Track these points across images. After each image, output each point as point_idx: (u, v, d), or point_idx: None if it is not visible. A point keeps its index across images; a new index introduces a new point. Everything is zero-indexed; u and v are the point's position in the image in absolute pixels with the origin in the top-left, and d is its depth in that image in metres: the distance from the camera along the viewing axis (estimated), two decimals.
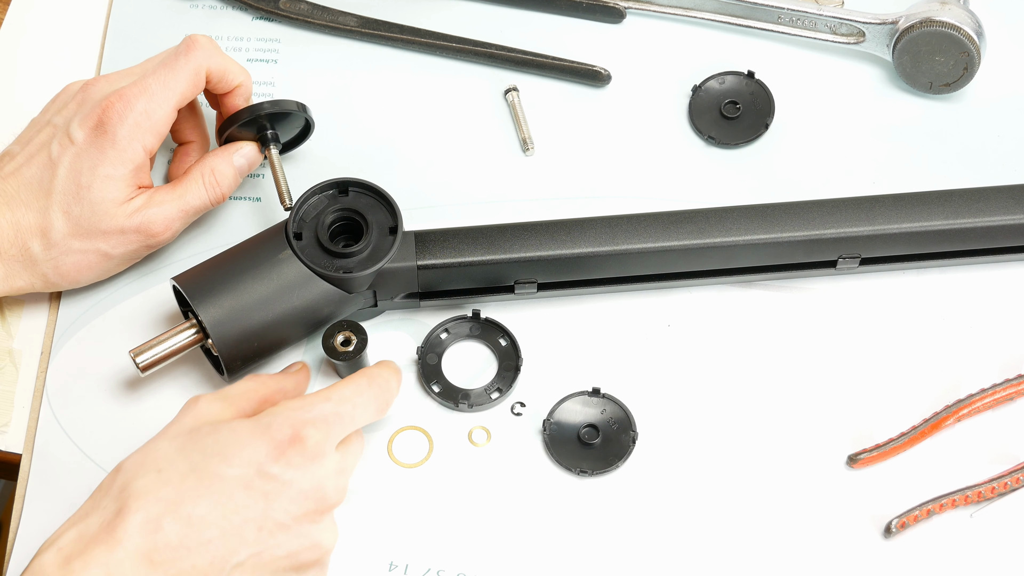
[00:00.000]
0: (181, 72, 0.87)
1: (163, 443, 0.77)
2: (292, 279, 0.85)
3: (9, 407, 0.89)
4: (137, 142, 0.86)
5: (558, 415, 0.88)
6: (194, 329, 0.86)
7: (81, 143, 0.86)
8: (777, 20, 1.01)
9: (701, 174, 0.97)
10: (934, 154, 0.98)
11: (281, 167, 0.92)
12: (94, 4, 1.04)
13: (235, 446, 0.75)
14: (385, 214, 0.88)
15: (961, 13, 0.96)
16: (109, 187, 0.86)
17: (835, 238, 0.89)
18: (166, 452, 0.76)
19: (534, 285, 0.90)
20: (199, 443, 0.76)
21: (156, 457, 0.75)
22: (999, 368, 0.89)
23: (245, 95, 0.92)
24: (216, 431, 0.76)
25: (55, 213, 0.86)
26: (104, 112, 0.86)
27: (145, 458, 0.76)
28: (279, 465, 0.76)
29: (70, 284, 0.89)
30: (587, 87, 1.01)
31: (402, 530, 0.85)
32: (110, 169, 0.86)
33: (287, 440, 0.76)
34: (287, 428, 0.76)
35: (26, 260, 0.87)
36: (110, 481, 0.76)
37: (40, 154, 0.87)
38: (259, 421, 0.77)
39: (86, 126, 0.86)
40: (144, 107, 0.86)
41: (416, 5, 1.04)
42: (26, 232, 0.86)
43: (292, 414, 0.77)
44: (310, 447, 0.76)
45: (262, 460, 0.75)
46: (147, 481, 0.74)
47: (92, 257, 0.88)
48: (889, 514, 0.84)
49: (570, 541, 0.85)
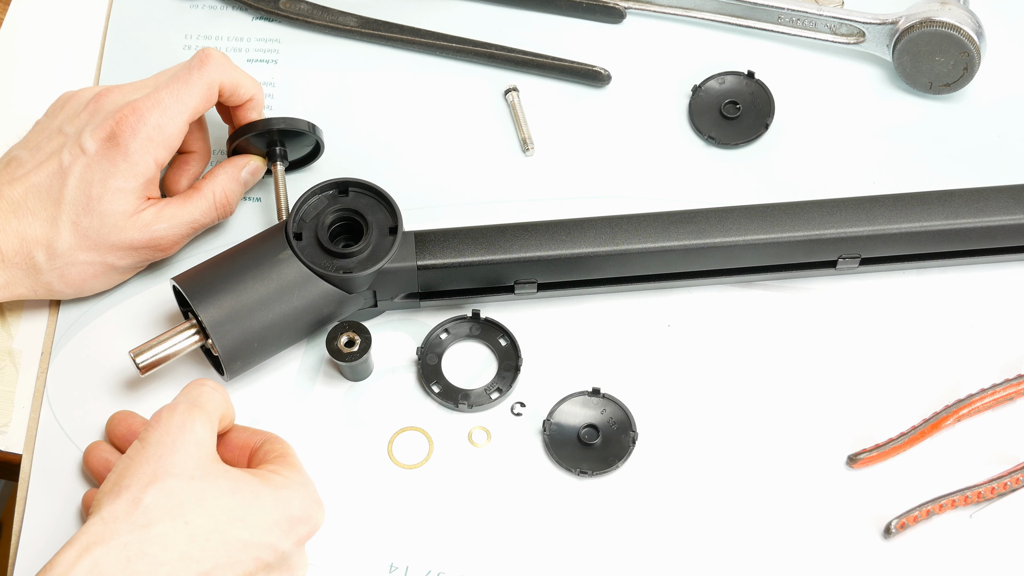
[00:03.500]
0: (194, 87, 0.87)
1: (180, 483, 0.73)
2: (292, 279, 0.85)
3: (9, 407, 0.89)
4: (149, 155, 0.86)
5: (558, 415, 0.88)
6: (194, 329, 0.86)
7: (93, 154, 0.86)
8: (777, 20, 1.01)
9: (701, 174, 0.97)
10: (934, 154, 0.98)
11: (285, 185, 0.93)
12: (94, 4, 1.04)
13: (258, 516, 0.75)
14: (385, 214, 0.88)
15: (961, 13, 0.96)
16: (120, 199, 0.86)
17: (835, 238, 0.89)
18: (186, 497, 0.73)
19: (534, 285, 0.90)
20: (221, 502, 0.74)
21: (180, 501, 0.73)
22: (999, 368, 0.89)
23: (257, 108, 0.92)
24: (238, 492, 0.75)
25: (63, 224, 0.86)
26: (117, 124, 0.85)
27: (170, 500, 0.73)
28: (289, 541, 0.76)
29: (75, 293, 0.89)
30: (587, 87, 1.01)
31: (402, 531, 0.85)
32: (121, 182, 0.86)
33: (299, 519, 0.76)
34: (300, 508, 0.76)
35: (30, 269, 0.86)
36: (127, 511, 0.72)
37: (50, 162, 0.87)
38: (278, 496, 0.76)
39: (98, 137, 0.86)
40: (157, 121, 0.86)
41: (416, 5, 1.04)
42: (31, 242, 0.86)
43: (304, 491, 0.77)
44: (314, 524, 0.77)
45: (278, 540, 0.75)
46: (174, 530, 0.72)
47: (98, 269, 0.88)
48: (889, 514, 0.84)
49: (570, 542, 0.85)
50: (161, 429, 0.75)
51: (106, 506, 0.72)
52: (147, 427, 0.76)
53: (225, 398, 0.79)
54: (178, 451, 0.74)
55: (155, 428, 0.75)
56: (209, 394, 0.78)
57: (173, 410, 0.76)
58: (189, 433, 0.75)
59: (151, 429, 0.75)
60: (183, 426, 0.75)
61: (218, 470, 0.75)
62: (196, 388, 0.78)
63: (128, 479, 0.73)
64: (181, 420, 0.75)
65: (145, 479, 0.73)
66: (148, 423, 0.76)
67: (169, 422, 0.75)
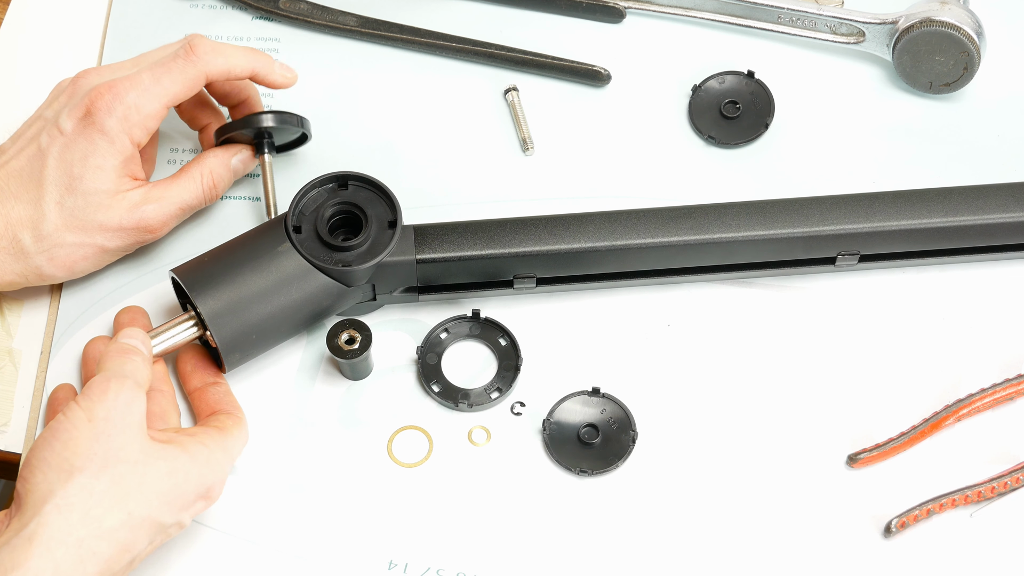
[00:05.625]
0: (177, 75, 0.87)
1: (127, 468, 0.76)
2: (291, 272, 0.85)
3: (9, 407, 0.89)
4: (125, 134, 0.86)
5: (558, 415, 0.88)
6: (192, 321, 0.86)
7: (70, 133, 0.86)
8: (777, 20, 1.01)
9: (701, 174, 0.97)
10: (934, 154, 0.98)
11: (272, 177, 0.93)
12: (94, 4, 1.04)
13: (181, 499, 0.78)
14: (384, 208, 0.88)
15: (961, 13, 0.96)
16: (101, 177, 0.86)
17: (834, 234, 0.89)
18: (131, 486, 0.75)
19: (533, 280, 0.90)
20: (157, 486, 0.76)
21: (126, 491, 0.75)
22: (999, 368, 0.89)
23: (252, 107, 0.92)
24: (171, 475, 0.77)
25: (47, 205, 0.86)
26: (92, 102, 0.86)
27: (119, 489, 0.75)
28: (191, 514, 0.79)
29: (65, 276, 0.89)
30: (587, 87, 1.01)
31: (402, 529, 0.85)
32: (100, 159, 0.86)
33: (207, 497, 0.80)
34: (213, 487, 0.80)
35: (17, 252, 0.86)
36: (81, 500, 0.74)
37: (30, 147, 0.87)
38: (200, 473, 0.79)
39: (75, 116, 0.86)
40: (135, 100, 0.86)
41: (416, 5, 1.04)
42: (16, 224, 0.86)
43: (222, 468, 0.81)
44: (214, 502, 0.81)
45: (186, 517, 0.79)
46: (119, 523, 0.75)
47: (88, 250, 0.88)
48: (889, 514, 0.84)
49: (570, 541, 0.85)
50: (108, 405, 0.76)
51: (59, 490, 0.73)
52: (91, 397, 0.76)
53: (151, 366, 0.81)
54: (125, 432, 0.76)
55: (101, 402, 0.76)
56: (143, 367, 0.80)
57: (121, 387, 0.77)
58: (135, 414, 0.77)
59: (97, 402, 0.76)
60: (130, 406, 0.77)
61: (156, 451, 0.77)
62: (131, 360, 0.80)
63: (80, 459, 0.74)
64: (128, 399, 0.77)
65: (96, 462, 0.74)
66: (92, 392, 0.77)
67: (116, 400, 0.76)
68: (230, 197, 0.96)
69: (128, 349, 0.80)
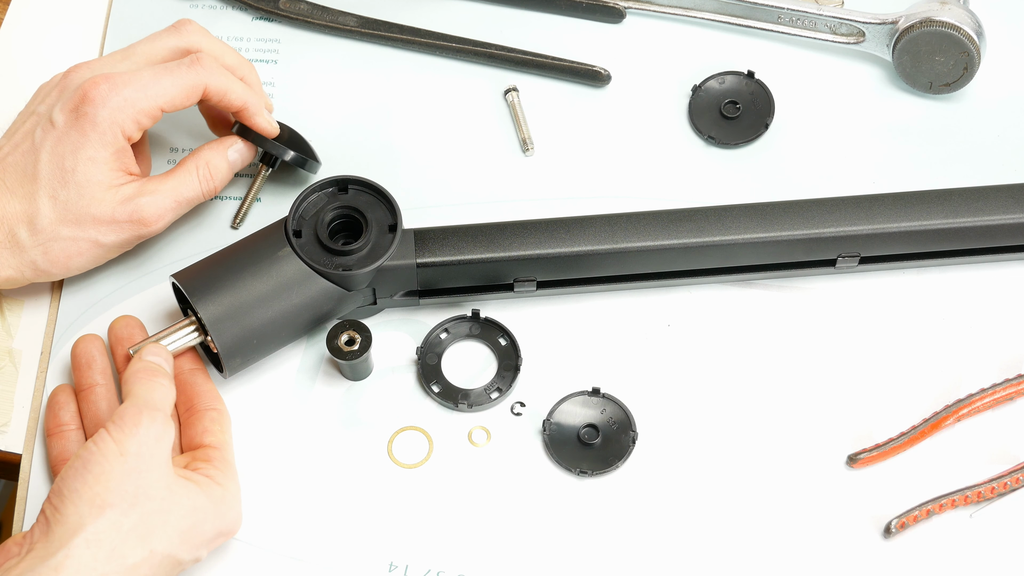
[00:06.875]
0: (178, 79, 0.87)
1: (153, 506, 0.76)
2: (291, 277, 0.85)
3: (9, 407, 0.89)
4: (117, 126, 0.86)
5: (558, 415, 0.88)
6: (193, 326, 0.86)
7: (62, 126, 0.86)
8: (777, 20, 1.01)
9: (701, 174, 0.97)
10: (934, 154, 0.98)
11: (257, 191, 0.94)
12: (94, 4, 1.04)
13: (200, 537, 0.78)
14: (384, 212, 0.88)
15: (961, 13, 0.96)
16: (93, 169, 0.86)
17: (834, 236, 0.89)
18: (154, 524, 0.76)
19: (533, 283, 0.90)
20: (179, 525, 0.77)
21: (150, 529, 0.76)
22: (999, 368, 0.89)
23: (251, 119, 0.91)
24: (192, 514, 0.78)
25: (42, 199, 0.86)
26: (85, 94, 0.86)
27: (144, 527, 0.75)
28: (208, 551, 0.80)
29: (62, 272, 0.89)
30: (587, 87, 1.01)
31: (402, 530, 0.85)
32: (92, 151, 0.86)
33: (225, 535, 0.81)
34: (230, 525, 0.81)
35: (13, 247, 0.86)
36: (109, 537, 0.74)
37: (24, 142, 0.87)
38: (218, 513, 0.79)
39: (67, 109, 0.86)
40: (131, 95, 0.86)
41: (416, 5, 1.04)
42: (12, 219, 0.86)
43: (237, 506, 0.81)
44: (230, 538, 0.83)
45: (203, 553, 0.79)
46: (141, 560, 0.75)
47: (83, 245, 0.87)
48: (889, 514, 0.84)
49: (570, 541, 0.85)
50: (140, 440, 0.76)
51: (89, 524, 0.74)
52: (124, 429, 0.76)
53: (174, 388, 0.82)
54: (153, 469, 0.76)
55: (134, 435, 0.76)
56: (170, 393, 0.80)
57: (152, 420, 0.77)
58: (164, 450, 0.77)
59: (130, 435, 0.76)
60: (160, 442, 0.77)
61: (180, 489, 0.77)
62: (160, 387, 0.80)
63: (112, 495, 0.75)
64: (158, 434, 0.77)
65: (128, 500, 0.75)
66: (124, 423, 0.77)
67: (148, 434, 0.77)
68: (230, 198, 0.96)
69: (156, 371, 0.81)
